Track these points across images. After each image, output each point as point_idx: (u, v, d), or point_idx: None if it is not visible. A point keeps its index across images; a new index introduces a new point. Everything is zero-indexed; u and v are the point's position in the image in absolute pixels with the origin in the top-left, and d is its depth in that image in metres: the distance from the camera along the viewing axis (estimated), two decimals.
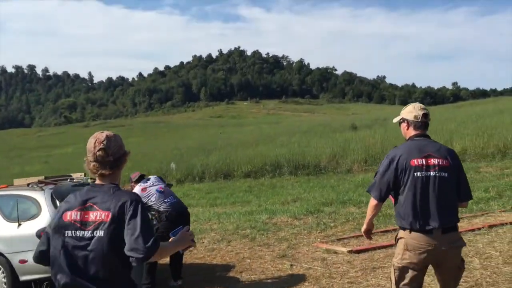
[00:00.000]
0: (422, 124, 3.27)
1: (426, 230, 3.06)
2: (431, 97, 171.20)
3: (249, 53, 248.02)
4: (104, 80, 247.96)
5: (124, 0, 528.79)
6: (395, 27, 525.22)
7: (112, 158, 2.33)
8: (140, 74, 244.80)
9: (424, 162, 3.12)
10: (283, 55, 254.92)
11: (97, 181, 2.40)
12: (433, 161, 3.13)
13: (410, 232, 3.10)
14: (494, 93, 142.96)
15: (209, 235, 7.95)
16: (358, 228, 7.11)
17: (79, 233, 2.26)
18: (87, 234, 2.25)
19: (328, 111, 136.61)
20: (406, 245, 3.11)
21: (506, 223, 6.65)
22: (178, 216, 5.54)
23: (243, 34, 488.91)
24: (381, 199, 3.23)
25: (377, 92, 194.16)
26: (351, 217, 8.04)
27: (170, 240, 2.41)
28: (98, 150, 2.31)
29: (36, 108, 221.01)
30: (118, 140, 2.39)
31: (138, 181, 5.93)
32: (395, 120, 3.42)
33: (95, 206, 2.28)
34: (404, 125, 3.34)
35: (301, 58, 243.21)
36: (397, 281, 3.17)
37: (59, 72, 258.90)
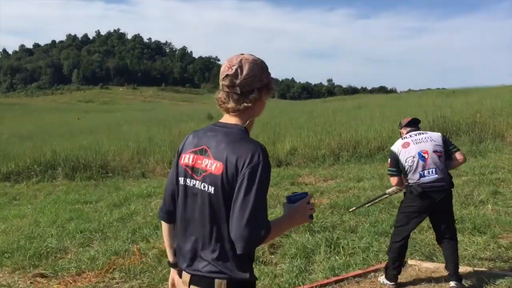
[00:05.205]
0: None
1: None
2: (308, 92, 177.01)
3: (129, 36, 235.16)
4: None
5: None
6: (279, 23, 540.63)
7: (239, 91, 1.71)
8: (4, 51, 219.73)
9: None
10: (166, 41, 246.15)
11: (222, 119, 1.81)
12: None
13: None
14: (364, 91, 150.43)
15: None
16: None
17: (189, 182, 1.75)
18: (197, 184, 1.72)
19: (208, 101, 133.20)
20: None
21: None
22: (423, 205, 3.75)
23: (126, 17, 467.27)
24: None
25: None
26: None
27: (284, 211, 1.77)
28: (224, 77, 1.73)
29: None
30: (256, 69, 1.72)
31: (409, 126, 4.02)
32: None
33: (209, 151, 1.72)
34: None
35: (184, 46, 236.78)
36: None
37: None
